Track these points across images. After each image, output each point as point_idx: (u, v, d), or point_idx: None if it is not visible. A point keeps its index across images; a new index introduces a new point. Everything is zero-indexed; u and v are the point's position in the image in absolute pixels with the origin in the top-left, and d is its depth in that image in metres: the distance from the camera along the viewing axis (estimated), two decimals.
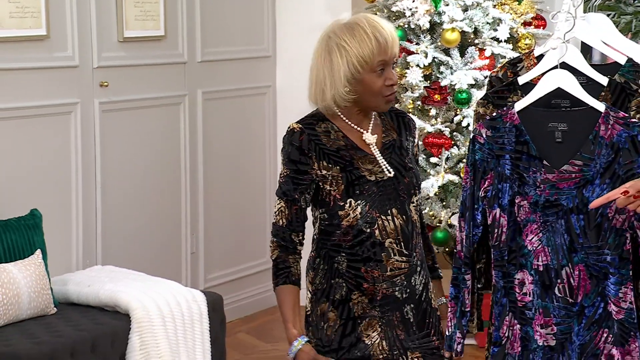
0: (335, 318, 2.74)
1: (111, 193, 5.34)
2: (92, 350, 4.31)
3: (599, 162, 2.64)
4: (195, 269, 5.94)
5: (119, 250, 5.38)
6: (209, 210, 6.03)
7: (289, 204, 2.76)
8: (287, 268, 2.77)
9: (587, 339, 2.64)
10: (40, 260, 4.56)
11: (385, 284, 2.73)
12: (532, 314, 2.67)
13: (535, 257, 2.66)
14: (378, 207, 2.73)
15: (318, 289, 2.77)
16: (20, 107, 4.87)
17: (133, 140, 5.48)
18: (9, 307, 4.36)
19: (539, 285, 2.66)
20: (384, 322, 2.73)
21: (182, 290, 4.75)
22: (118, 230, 5.39)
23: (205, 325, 4.74)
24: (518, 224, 2.67)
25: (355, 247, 2.72)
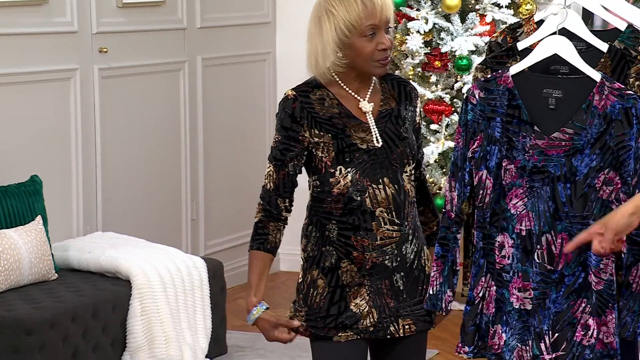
0: (324, 285, 2.78)
1: (111, 159, 5.40)
2: (93, 316, 4.39)
3: (590, 132, 2.65)
4: (195, 236, 6.00)
5: (119, 216, 5.44)
6: (209, 177, 6.09)
7: (277, 169, 2.81)
8: (264, 235, 2.81)
9: (564, 307, 2.68)
10: (41, 226, 4.62)
11: (375, 252, 2.76)
12: (509, 276, 2.71)
13: (519, 221, 2.69)
14: (369, 176, 2.76)
15: (309, 256, 2.81)
16: (19, 73, 4.91)
17: (133, 107, 5.54)
18: (10, 272, 4.43)
19: (519, 250, 2.70)
20: (373, 291, 2.77)
21: (183, 256, 4.82)
22: (118, 196, 5.45)
23: (206, 292, 4.81)
24: (503, 187, 2.70)
25: (345, 215, 2.76)
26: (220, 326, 4.95)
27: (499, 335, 2.72)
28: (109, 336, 4.45)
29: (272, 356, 5.03)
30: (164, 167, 5.77)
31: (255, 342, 5.25)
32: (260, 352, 5.10)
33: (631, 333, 2.68)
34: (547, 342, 2.69)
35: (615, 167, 2.66)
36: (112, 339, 4.46)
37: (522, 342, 2.71)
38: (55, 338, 4.20)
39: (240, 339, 5.30)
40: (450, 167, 2.77)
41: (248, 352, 5.11)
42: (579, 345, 2.68)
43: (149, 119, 5.65)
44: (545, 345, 2.69)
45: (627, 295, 2.68)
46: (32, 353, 4.11)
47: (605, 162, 2.66)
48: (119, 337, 4.48)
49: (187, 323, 4.66)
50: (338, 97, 2.80)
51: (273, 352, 5.09)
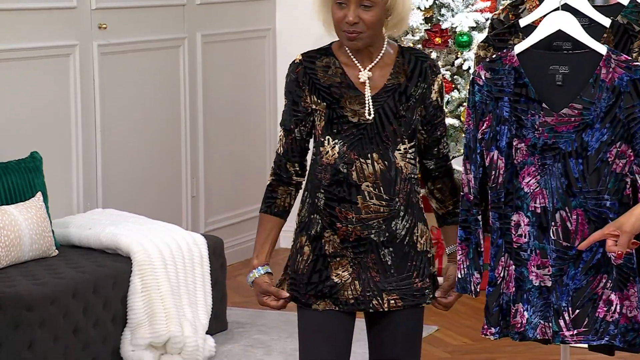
0: (309, 253, 2.80)
1: (111, 136, 5.39)
2: (93, 292, 4.39)
3: (600, 106, 2.65)
4: (195, 213, 6.00)
5: (119, 193, 5.44)
6: (209, 154, 6.08)
7: (286, 134, 2.84)
8: (272, 198, 2.85)
9: (583, 283, 2.69)
10: (41, 203, 4.62)
11: (359, 226, 2.76)
12: (527, 255, 2.72)
13: (533, 199, 2.70)
14: (357, 150, 2.77)
15: (301, 222, 2.83)
16: (17, 49, 4.89)
17: (132, 83, 5.52)
18: (10, 248, 4.43)
19: (535, 227, 2.71)
20: (357, 263, 2.78)
21: (183, 233, 4.82)
22: (118, 173, 5.45)
23: (206, 268, 4.82)
24: (515, 166, 2.71)
25: (332, 185, 2.77)
26: (220, 303, 4.96)
27: (520, 313, 2.73)
28: (110, 312, 4.45)
29: (272, 332, 5.04)
30: (164, 144, 5.77)
31: (256, 318, 5.26)
32: (260, 328, 5.12)
33: None
34: (566, 318, 2.70)
35: (626, 139, 2.66)
36: (113, 315, 4.47)
37: (544, 319, 2.72)
38: (56, 314, 4.21)
39: (240, 315, 5.31)
40: (464, 150, 2.78)
41: (248, 328, 5.12)
42: (602, 321, 2.69)
43: (149, 95, 5.63)
44: (564, 322, 2.70)
45: None
46: (32, 329, 4.12)
47: (616, 135, 2.66)
48: (119, 314, 4.49)
49: (187, 299, 4.66)
50: (344, 66, 2.81)
51: (273, 328, 5.10)
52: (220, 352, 4.75)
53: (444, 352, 4.83)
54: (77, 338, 4.30)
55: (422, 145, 2.86)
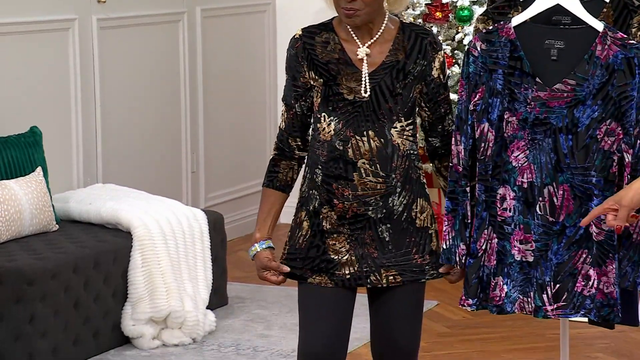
0: (308, 228, 2.83)
1: (111, 111, 5.43)
2: (94, 267, 4.44)
3: (593, 82, 2.67)
4: (195, 188, 6.05)
5: (119, 168, 5.48)
6: (209, 129, 6.12)
7: (287, 109, 2.87)
8: (275, 172, 2.89)
9: (565, 258, 2.72)
10: (41, 178, 4.66)
11: (356, 203, 2.78)
12: (511, 229, 2.74)
13: (520, 173, 2.73)
14: (353, 127, 2.79)
15: (301, 197, 2.87)
16: (16, 23, 4.91)
17: (132, 58, 5.55)
18: (11, 223, 4.47)
19: (521, 202, 2.73)
20: (354, 240, 2.81)
21: (183, 208, 4.86)
22: (118, 148, 5.48)
23: (206, 244, 4.86)
24: (505, 139, 2.73)
25: (329, 162, 2.80)
26: (220, 278, 5.01)
27: (500, 287, 2.76)
28: (110, 287, 4.50)
29: (273, 307, 5.09)
30: (164, 119, 5.80)
31: (256, 293, 5.30)
32: (260, 303, 5.16)
33: (631, 283, 2.73)
34: (549, 293, 2.74)
35: (617, 117, 2.69)
36: (114, 289, 4.52)
37: (523, 294, 2.75)
38: (57, 288, 4.26)
39: (240, 290, 5.36)
40: (455, 121, 2.79)
41: (249, 303, 5.17)
42: (579, 296, 2.73)
43: (148, 70, 5.66)
44: (547, 297, 2.73)
45: (628, 245, 2.72)
46: (33, 303, 4.17)
47: (607, 112, 2.69)
48: (120, 288, 4.54)
49: (187, 275, 4.71)
50: (343, 42, 2.82)
51: (273, 303, 5.15)
52: (221, 327, 4.81)
53: (444, 326, 4.88)
54: (77, 312, 4.36)
55: (426, 122, 2.89)
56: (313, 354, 2.81)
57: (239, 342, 4.64)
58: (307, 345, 2.82)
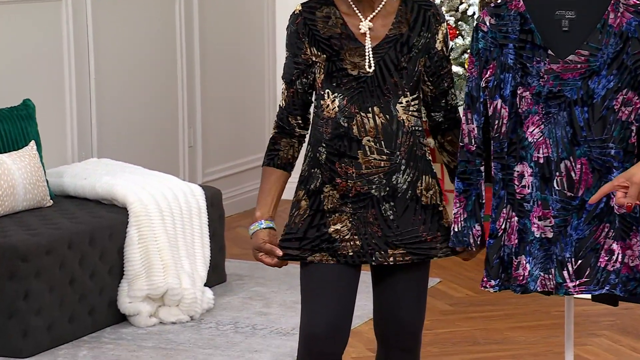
0: (306, 207, 2.82)
1: (105, 84, 5.39)
2: (89, 243, 4.43)
3: (607, 52, 2.66)
4: (193, 163, 6.03)
5: (114, 143, 5.46)
6: (207, 103, 6.09)
7: (287, 87, 2.85)
8: (275, 150, 2.86)
9: (586, 233, 2.71)
10: (35, 152, 4.63)
11: (360, 181, 2.78)
12: (530, 206, 2.73)
13: (536, 149, 2.71)
14: (357, 103, 2.77)
15: (302, 175, 2.86)
16: None
17: (127, 29, 5.51)
18: (4, 198, 4.45)
19: (538, 178, 2.72)
20: (356, 219, 2.79)
21: (180, 184, 4.84)
22: (113, 122, 5.46)
23: (204, 220, 4.84)
24: (519, 115, 2.72)
25: (333, 139, 2.79)
26: (219, 255, 5.00)
27: (523, 266, 2.75)
28: (106, 263, 4.49)
29: (271, 284, 5.09)
30: (160, 92, 5.77)
31: (255, 270, 5.30)
32: (259, 280, 5.16)
33: None
34: (570, 269, 2.73)
35: (633, 86, 2.68)
36: (110, 266, 4.50)
37: (544, 271, 2.74)
38: (52, 265, 4.24)
39: (239, 267, 5.35)
40: (466, 99, 2.77)
41: (247, 280, 5.16)
42: (603, 271, 2.72)
43: (144, 41, 5.63)
44: (568, 273, 2.72)
45: None
46: (28, 279, 4.16)
47: (623, 82, 2.67)
48: (116, 265, 4.53)
49: (185, 251, 4.70)
50: (345, 16, 2.80)
51: (272, 280, 5.14)
52: (219, 305, 4.80)
53: (446, 304, 4.88)
54: (73, 289, 4.35)
55: (428, 97, 2.87)
56: (316, 334, 2.79)
57: (237, 320, 4.63)
58: (309, 327, 2.80)
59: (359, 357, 4.25)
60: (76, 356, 4.23)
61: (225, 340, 4.40)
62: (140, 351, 4.29)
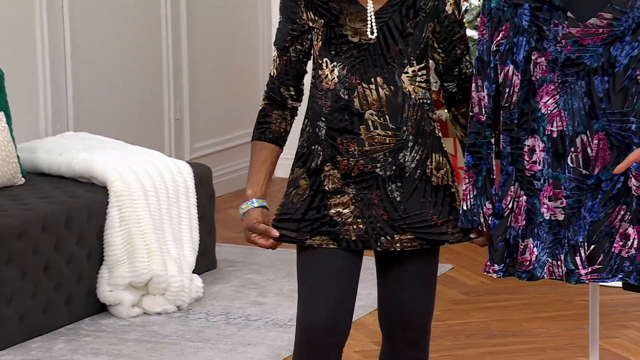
0: (306, 187, 2.85)
1: (82, 50, 5.43)
2: (66, 225, 4.48)
3: (632, 15, 2.68)
4: (179, 138, 6.06)
5: (93, 115, 5.49)
6: (195, 71, 6.12)
7: (280, 54, 2.88)
8: (266, 123, 2.89)
9: (601, 215, 2.73)
10: (4, 125, 4.67)
11: (363, 159, 2.79)
12: (540, 184, 2.75)
13: (550, 121, 2.73)
14: (358, 73, 2.78)
15: (299, 152, 2.88)
16: None
17: None
18: None
19: (550, 154, 2.74)
20: (359, 200, 2.82)
21: (166, 160, 4.88)
22: (91, 92, 5.49)
23: (192, 200, 4.88)
24: (533, 83, 2.73)
25: (333, 113, 2.80)
26: (208, 238, 5.05)
27: (530, 250, 2.77)
28: (84, 248, 4.54)
29: (267, 271, 5.13)
30: (144, 59, 5.80)
31: (248, 256, 5.34)
32: (253, 267, 5.20)
33: None
34: (582, 255, 2.75)
35: None
36: (88, 251, 4.56)
37: (552, 257, 2.76)
38: (25, 249, 4.30)
39: (231, 252, 5.39)
40: (476, 64, 2.79)
41: (240, 267, 5.20)
42: (617, 257, 2.75)
43: (126, 4, 5.65)
44: (580, 259, 2.75)
45: None
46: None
47: None
48: (95, 250, 4.58)
49: (171, 235, 4.74)
50: None
51: (268, 267, 5.18)
52: (209, 293, 4.85)
53: (459, 293, 4.93)
54: (48, 276, 4.40)
55: (440, 66, 2.90)
56: (314, 326, 2.82)
57: (229, 311, 4.68)
58: (307, 317, 2.84)
59: (363, 350, 4.31)
60: (51, 350, 4.29)
61: (215, 333, 4.45)
62: (122, 344, 4.34)
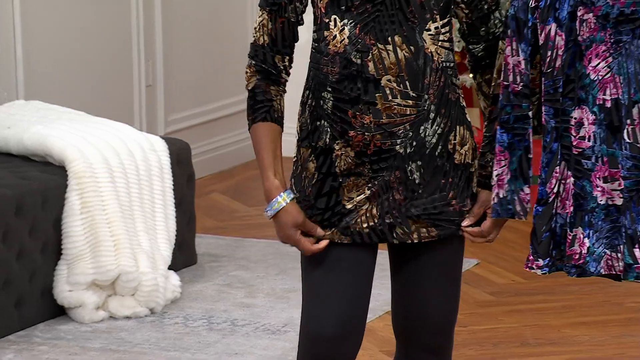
0: (314, 170, 2.87)
1: (34, 3, 5.41)
2: (16, 213, 4.47)
3: None
4: (152, 108, 6.06)
5: (48, 80, 5.49)
6: (170, 29, 6.11)
7: (274, 16, 2.86)
8: (268, 101, 2.88)
9: None
10: None
11: (379, 134, 2.81)
12: (591, 164, 2.76)
13: (601, 89, 2.74)
14: (374, 32, 2.79)
15: (303, 129, 2.90)
16: None
17: None
18: None
19: (603, 127, 2.75)
20: (376, 184, 2.84)
21: (136, 135, 4.88)
22: (46, 54, 5.49)
23: (168, 183, 4.89)
24: (579, 45, 2.74)
25: (343, 82, 2.81)
26: (187, 228, 5.05)
27: (580, 241, 2.79)
28: (38, 240, 4.54)
29: (256, 268, 5.14)
30: (109, 13, 5.79)
31: (235, 249, 5.35)
32: (241, 262, 5.21)
33: None
34: None
35: None
36: (43, 243, 4.56)
37: (611, 248, 2.78)
38: None
39: (214, 245, 5.40)
40: (510, 24, 2.80)
41: (225, 262, 5.21)
42: None
43: None
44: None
45: None
46: None
47: None
48: (51, 242, 4.58)
49: (143, 224, 4.74)
50: None
51: (258, 262, 5.19)
52: (188, 294, 4.86)
53: (486, 293, 4.94)
54: None
55: (464, 24, 2.91)
56: (323, 335, 2.84)
57: (212, 314, 4.69)
58: (314, 324, 2.85)
59: None
60: None
61: (195, 340, 4.46)
62: (84, 354, 4.34)
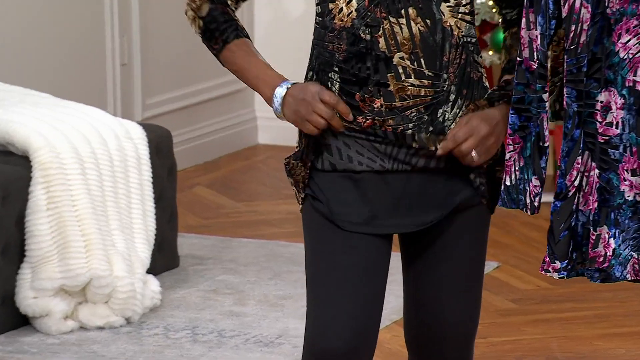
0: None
1: None
2: None
3: None
4: (128, 90, 6.07)
5: (8, 59, 5.50)
6: (147, 0, 6.12)
7: None
8: (231, 20, 2.91)
9: None
10: None
11: (392, 119, 2.84)
12: (618, 154, 2.76)
13: (632, 69, 2.73)
14: (385, 4, 2.81)
15: None
16: None
17: None
18: None
19: (633, 112, 2.74)
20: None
21: (110, 121, 4.89)
22: (6, 29, 5.50)
23: (146, 175, 4.89)
24: (608, 18, 2.74)
25: (350, 60, 2.84)
26: (168, 227, 5.06)
27: (605, 241, 2.79)
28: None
29: (247, 271, 5.14)
30: None
31: (222, 250, 5.36)
32: (229, 265, 5.22)
33: None
34: None
35: None
36: (3, 244, 4.56)
37: (638, 251, 2.78)
38: None
39: (198, 245, 5.41)
40: None
41: (210, 265, 5.22)
42: None
43: None
44: None
45: None
46: None
47: None
48: (13, 242, 4.59)
49: (118, 222, 4.75)
50: None
51: (248, 265, 5.20)
52: (169, 300, 4.87)
53: (508, 300, 4.95)
54: None
55: None
56: (334, 348, 2.85)
57: (197, 324, 4.70)
58: (322, 336, 2.86)
59: None
60: None
61: (178, 354, 4.47)
62: None
